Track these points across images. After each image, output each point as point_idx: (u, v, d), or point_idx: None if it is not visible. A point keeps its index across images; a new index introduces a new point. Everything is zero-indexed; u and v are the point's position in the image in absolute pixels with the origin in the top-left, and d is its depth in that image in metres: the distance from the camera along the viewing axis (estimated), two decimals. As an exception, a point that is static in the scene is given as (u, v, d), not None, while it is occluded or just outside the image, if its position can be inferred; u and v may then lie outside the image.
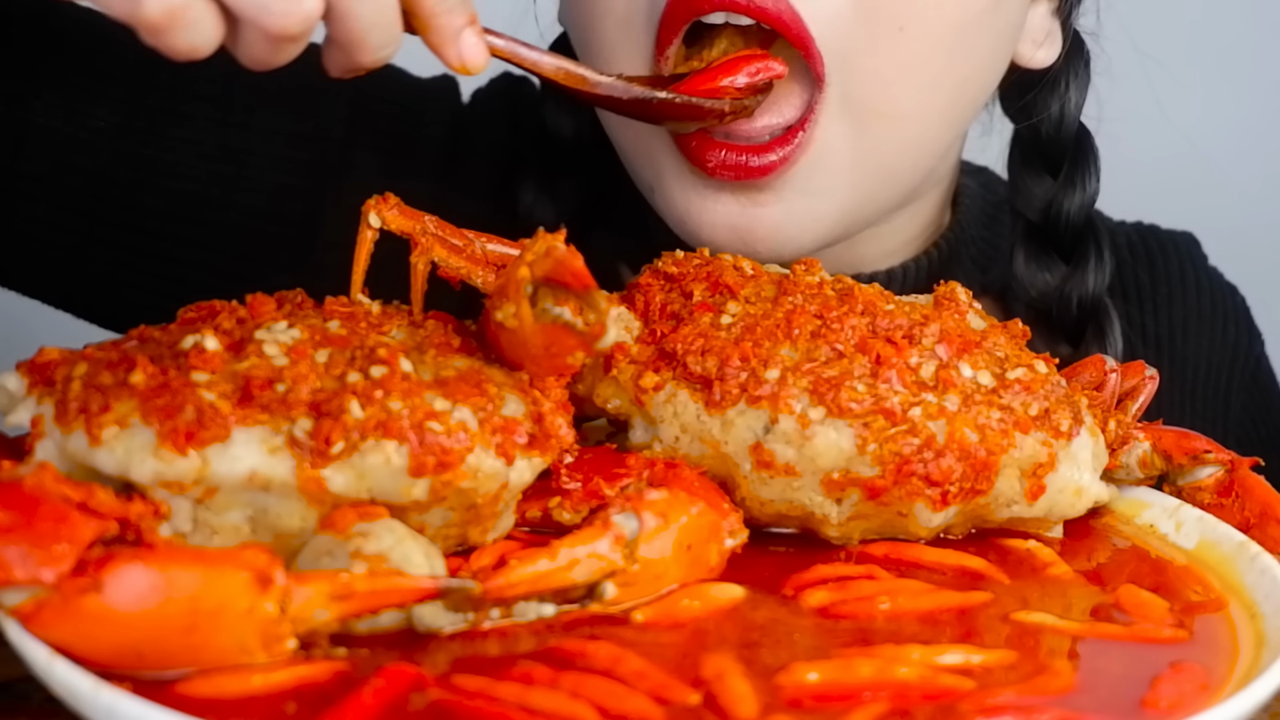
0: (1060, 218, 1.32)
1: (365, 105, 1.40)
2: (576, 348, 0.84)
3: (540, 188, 1.34)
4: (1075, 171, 1.33)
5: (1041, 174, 1.33)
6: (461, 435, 0.80)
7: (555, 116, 1.35)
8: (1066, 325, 1.34)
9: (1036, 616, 0.84)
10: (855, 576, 0.88)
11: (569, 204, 1.34)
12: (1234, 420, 1.46)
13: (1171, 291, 1.46)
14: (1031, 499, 0.91)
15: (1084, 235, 1.33)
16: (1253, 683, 0.76)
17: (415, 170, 1.40)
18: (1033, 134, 1.33)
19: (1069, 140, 1.32)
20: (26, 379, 0.82)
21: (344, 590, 0.73)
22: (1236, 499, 0.96)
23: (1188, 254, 1.50)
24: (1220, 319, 1.48)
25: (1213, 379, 1.47)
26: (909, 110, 1.15)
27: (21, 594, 0.71)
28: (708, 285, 0.94)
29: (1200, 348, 1.46)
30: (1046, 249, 1.33)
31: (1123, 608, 0.86)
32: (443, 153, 1.40)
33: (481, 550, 0.84)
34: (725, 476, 0.90)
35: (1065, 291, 1.33)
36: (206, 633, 0.71)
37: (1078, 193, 1.32)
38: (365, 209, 0.90)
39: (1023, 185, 1.34)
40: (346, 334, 0.83)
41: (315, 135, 1.37)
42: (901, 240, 1.33)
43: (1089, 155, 1.33)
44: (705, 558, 0.85)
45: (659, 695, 0.73)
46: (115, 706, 0.68)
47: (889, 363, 0.89)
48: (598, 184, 1.35)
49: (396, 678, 0.72)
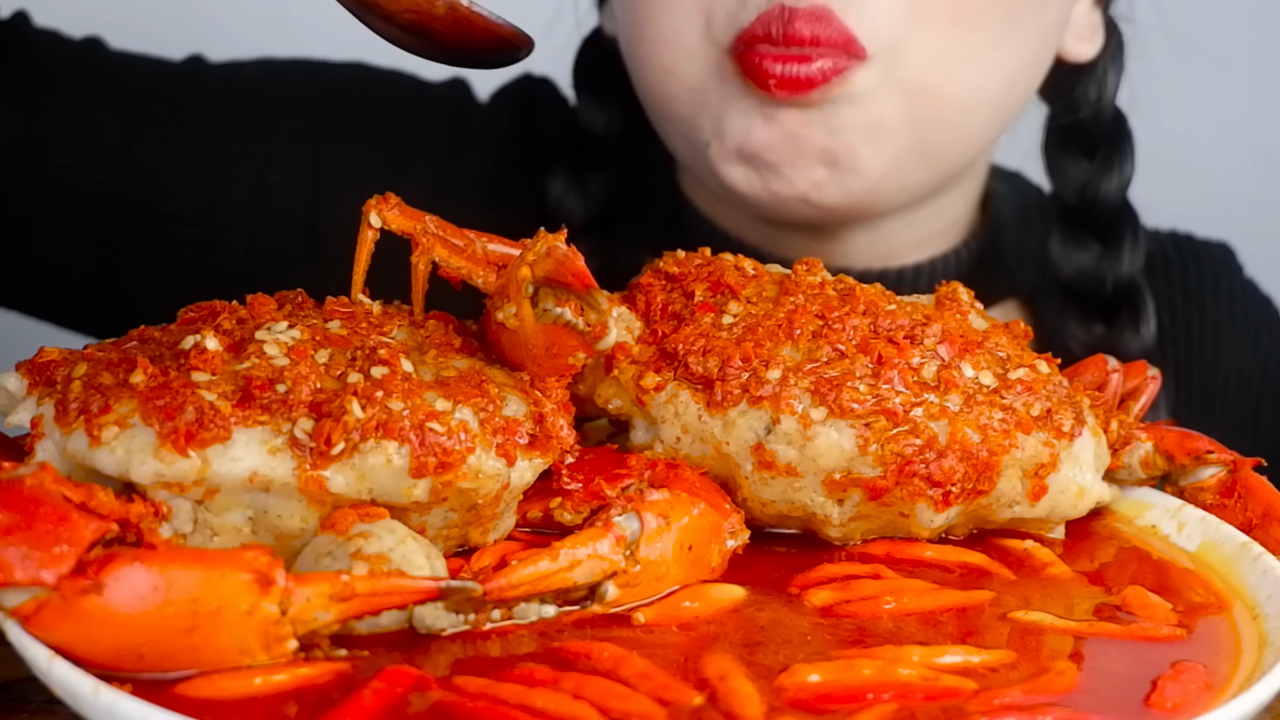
0: (1097, 199, 1.35)
1: (368, 103, 1.41)
2: (578, 348, 0.84)
3: (570, 181, 1.37)
4: (1112, 154, 1.35)
5: (1078, 157, 1.36)
6: (462, 436, 0.80)
7: (589, 112, 1.39)
8: (1101, 305, 1.35)
9: (1037, 616, 0.84)
10: (860, 575, 0.87)
11: (598, 197, 1.38)
12: (1263, 431, 1.46)
13: (1205, 300, 1.47)
14: (1033, 499, 0.91)
15: (1120, 217, 1.35)
16: (1255, 684, 0.75)
17: (417, 165, 1.41)
18: (1069, 118, 1.35)
19: (1106, 123, 1.35)
20: (26, 379, 0.82)
21: (345, 591, 0.73)
22: (1239, 499, 0.96)
23: (1222, 263, 1.50)
24: (1253, 330, 1.48)
25: (1242, 389, 1.47)
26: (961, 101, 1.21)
27: (22, 595, 0.70)
28: (709, 285, 0.94)
29: (1231, 357, 1.46)
30: (1082, 230, 1.36)
31: (1128, 608, 0.86)
32: (448, 152, 1.42)
33: (482, 551, 0.84)
34: (726, 477, 0.90)
35: (1100, 271, 1.35)
36: (207, 633, 0.71)
37: (1114, 175, 1.35)
38: (366, 209, 0.90)
39: (1059, 168, 1.37)
40: (347, 334, 0.83)
41: (319, 143, 1.39)
42: (931, 231, 1.35)
43: (1125, 138, 1.36)
44: (707, 558, 0.85)
45: (661, 696, 0.73)
46: (115, 707, 0.68)
47: (891, 363, 0.89)
48: (627, 177, 1.37)
49: (397, 679, 0.72)
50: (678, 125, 1.27)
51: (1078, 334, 1.35)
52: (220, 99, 1.38)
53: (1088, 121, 1.35)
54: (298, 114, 1.39)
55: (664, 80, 1.24)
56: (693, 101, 1.23)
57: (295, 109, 1.40)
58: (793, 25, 1.15)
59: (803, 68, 1.16)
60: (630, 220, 1.38)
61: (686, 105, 1.24)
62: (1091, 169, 1.35)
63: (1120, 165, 1.35)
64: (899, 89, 1.19)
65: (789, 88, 1.16)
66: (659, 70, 1.24)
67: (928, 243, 1.35)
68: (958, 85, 1.21)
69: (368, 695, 0.71)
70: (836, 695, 0.75)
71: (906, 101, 1.19)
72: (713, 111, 1.22)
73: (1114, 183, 1.35)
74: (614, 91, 1.37)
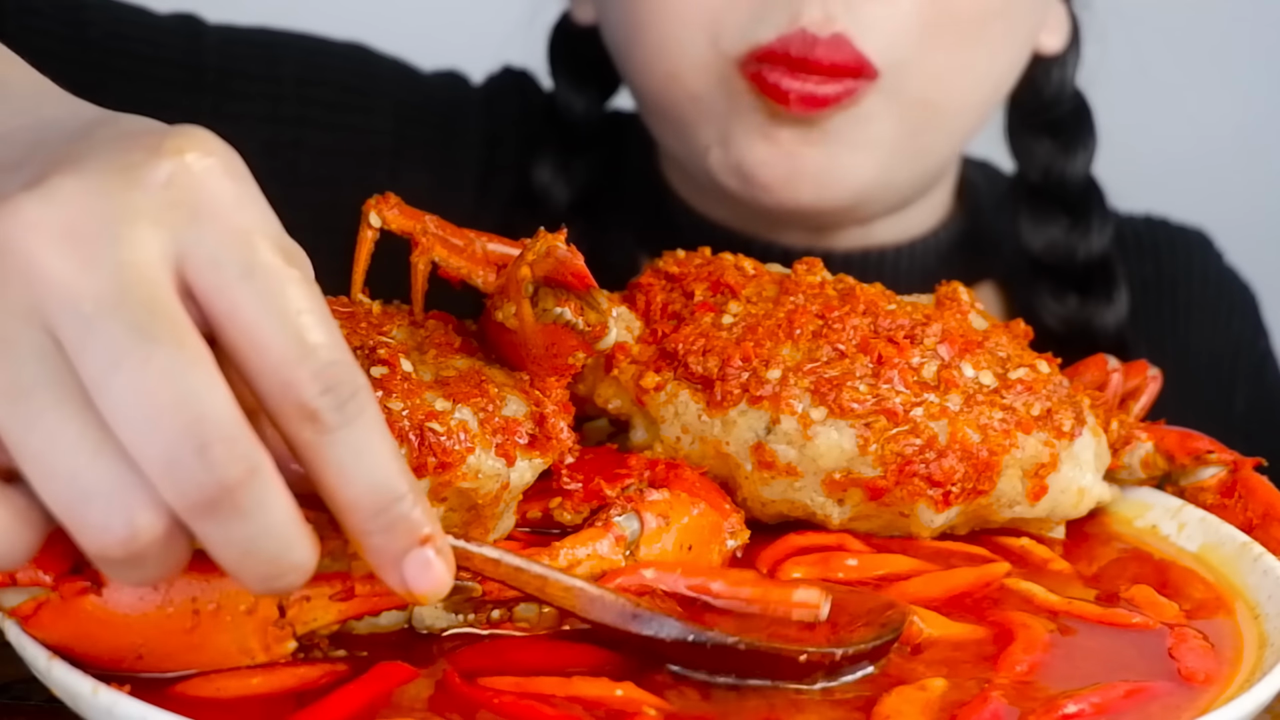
0: (1063, 178, 1.38)
1: (404, 101, 1.41)
2: (577, 348, 0.84)
3: (555, 168, 1.37)
4: (1074, 134, 1.38)
5: (1042, 137, 1.39)
6: (462, 436, 0.79)
7: (568, 96, 1.40)
8: (1074, 277, 1.38)
9: (1027, 586, 0.86)
10: (830, 546, 0.89)
11: (582, 181, 1.38)
12: (1239, 417, 1.47)
13: (1176, 282, 1.49)
14: (1034, 499, 0.91)
15: (1086, 193, 1.38)
16: (1256, 684, 0.75)
17: (418, 160, 1.41)
18: (1034, 98, 1.37)
19: (1066, 104, 1.38)
20: (26, 379, 0.82)
21: (344, 591, 0.73)
22: (1239, 499, 0.96)
23: (1197, 247, 1.52)
24: (1225, 311, 1.49)
25: (1214, 370, 1.48)
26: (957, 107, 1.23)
27: (21, 595, 0.70)
28: (709, 285, 0.94)
29: (1203, 339, 1.48)
30: (1050, 205, 1.39)
31: (1134, 606, 0.86)
32: (470, 146, 1.42)
33: (482, 551, 0.84)
34: (726, 477, 0.90)
35: (1070, 243, 1.38)
36: (206, 633, 0.71)
37: (1079, 153, 1.38)
38: (365, 208, 0.89)
39: (1024, 148, 1.39)
40: (347, 334, 0.83)
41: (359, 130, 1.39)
42: (914, 221, 1.38)
43: (1085, 117, 1.39)
44: (707, 559, 0.85)
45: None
46: (114, 707, 0.68)
47: (891, 363, 0.89)
48: (610, 162, 1.38)
49: (390, 673, 0.72)
50: (674, 127, 1.28)
51: (1052, 307, 1.38)
52: (220, 69, 1.38)
53: (1049, 103, 1.37)
54: (289, 94, 1.39)
55: (666, 86, 1.25)
56: (695, 109, 1.24)
57: (287, 88, 1.39)
58: (814, 52, 1.16)
59: (820, 87, 1.17)
60: (615, 207, 1.39)
61: (688, 112, 1.25)
62: (1055, 148, 1.38)
63: (1083, 143, 1.38)
64: (900, 104, 1.20)
65: (806, 104, 1.17)
66: (661, 76, 1.25)
67: (909, 228, 1.38)
68: (954, 98, 1.23)
69: (355, 688, 0.71)
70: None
71: (903, 113, 1.21)
72: (717, 123, 1.23)
73: (1079, 161, 1.38)
74: (591, 76, 1.38)
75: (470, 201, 1.40)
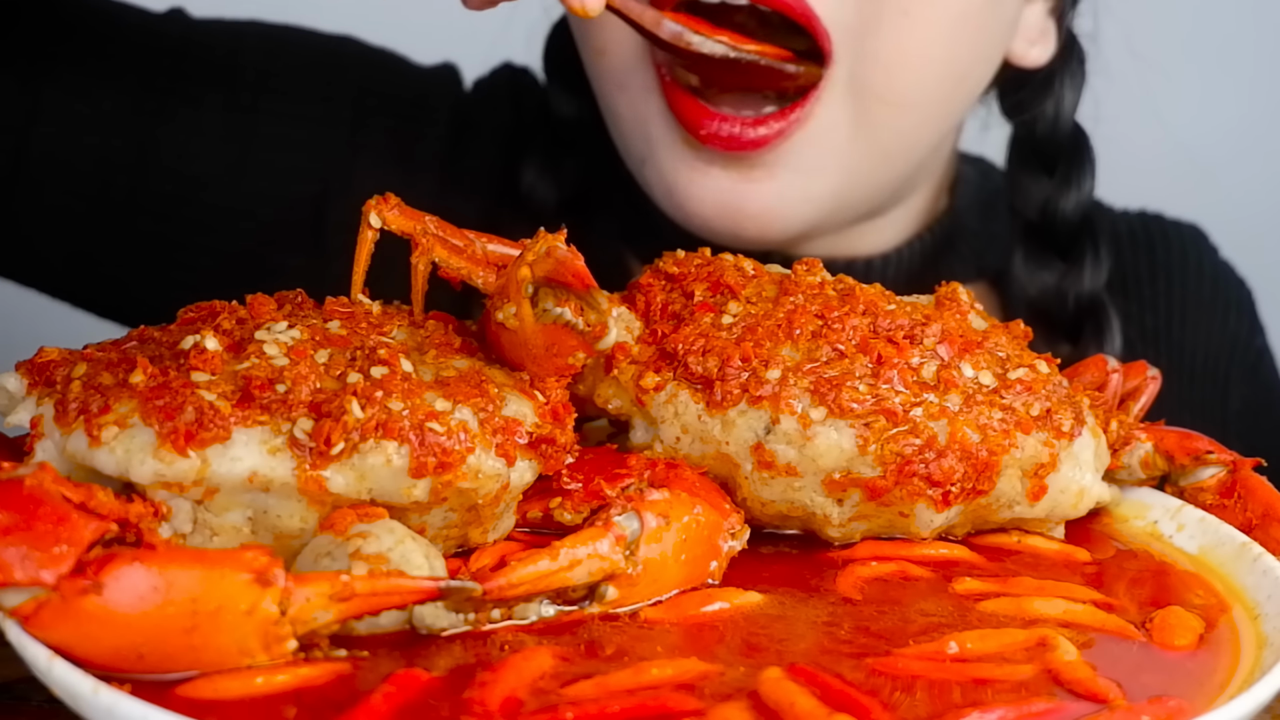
0: (1057, 216, 1.36)
1: (370, 90, 1.41)
2: (577, 348, 0.84)
3: (543, 168, 1.36)
4: (1071, 171, 1.36)
5: (1038, 173, 1.36)
6: (462, 436, 0.80)
7: (559, 98, 1.38)
8: (1065, 323, 1.36)
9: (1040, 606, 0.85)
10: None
11: (570, 183, 1.36)
12: (1234, 414, 1.47)
13: (1171, 278, 1.48)
14: (1033, 499, 0.91)
15: (1080, 234, 1.36)
16: (1254, 684, 0.75)
17: (420, 156, 1.40)
18: (1029, 134, 1.36)
19: (1064, 140, 1.35)
20: (26, 379, 0.82)
21: (344, 591, 0.73)
22: (1239, 500, 0.96)
23: (1191, 242, 1.51)
24: (1221, 308, 1.49)
25: (1210, 367, 1.48)
26: (912, 99, 1.18)
27: (22, 595, 0.70)
28: (709, 285, 0.94)
29: (1198, 335, 1.47)
30: (1045, 248, 1.36)
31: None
32: (448, 137, 1.41)
33: (482, 551, 0.84)
34: (726, 477, 0.90)
35: (1063, 289, 1.35)
36: (207, 634, 0.71)
37: (1073, 192, 1.35)
38: (366, 209, 0.90)
39: (1020, 185, 1.37)
40: (347, 334, 0.83)
41: (321, 119, 1.37)
42: (896, 233, 1.36)
43: (1084, 155, 1.36)
44: (706, 558, 0.85)
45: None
46: (115, 708, 0.68)
47: (890, 363, 0.89)
48: (598, 164, 1.37)
49: (406, 682, 0.72)
50: (614, 121, 1.23)
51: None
52: (223, 65, 1.37)
53: (1046, 137, 1.35)
54: (301, 96, 1.38)
55: (596, 62, 1.19)
56: (624, 100, 1.19)
57: (298, 92, 1.39)
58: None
59: (748, 130, 1.10)
60: (603, 209, 1.38)
61: (619, 103, 1.19)
62: (1051, 186, 1.35)
63: (1079, 181, 1.35)
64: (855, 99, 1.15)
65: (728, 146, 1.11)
66: (591, 51, 1.20)
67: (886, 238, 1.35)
68: (912, 90, 1.18)
69: (377, 699, 0.71)
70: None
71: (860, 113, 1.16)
72: (642, 127, 1.17)
73: (1073, 199, 1.35)
74: (583, 78, 1.37)
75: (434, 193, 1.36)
